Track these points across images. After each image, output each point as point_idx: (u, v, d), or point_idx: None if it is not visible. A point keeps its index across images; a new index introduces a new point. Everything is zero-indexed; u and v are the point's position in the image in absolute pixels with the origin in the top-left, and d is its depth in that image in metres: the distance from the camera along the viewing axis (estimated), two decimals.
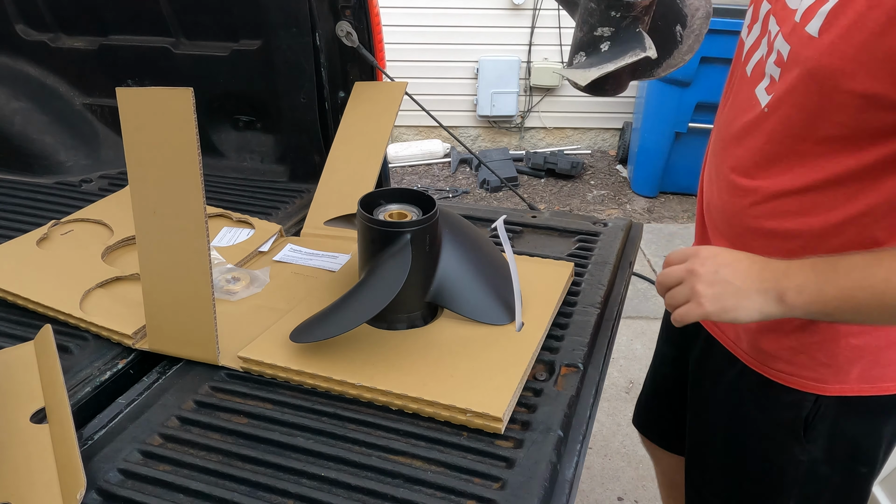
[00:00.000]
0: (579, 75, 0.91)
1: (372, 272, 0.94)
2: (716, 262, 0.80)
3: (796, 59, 0.79)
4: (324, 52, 1.43)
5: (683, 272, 0.81)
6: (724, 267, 0.79)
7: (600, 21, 0.90)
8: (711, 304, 0.79)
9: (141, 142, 0.88)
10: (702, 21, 0.98)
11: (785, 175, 0.85)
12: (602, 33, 0.90)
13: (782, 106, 0.82)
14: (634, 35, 0.90)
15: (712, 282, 0.79)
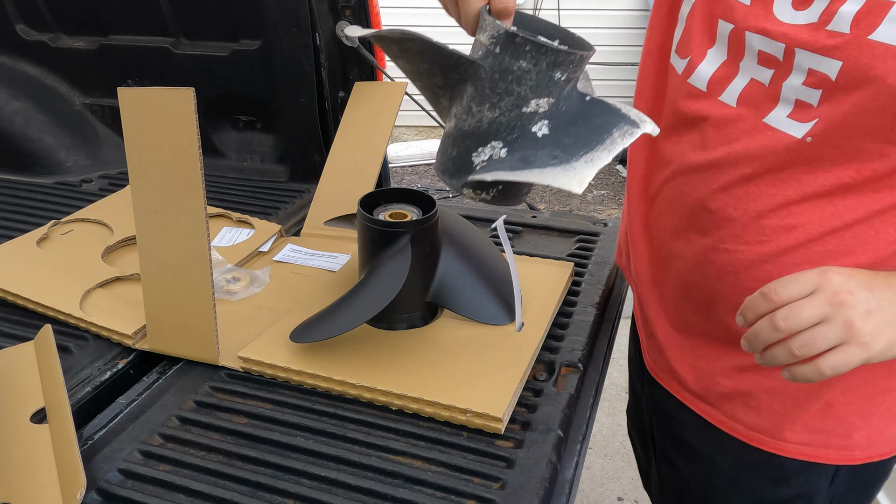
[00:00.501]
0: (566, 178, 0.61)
1: (372, 272, 0.94)
2: (861, 284, 0.63)
3: (865, 75, 0.64)
4: (324, 52, 1.43)
5: (825, 306, 0.62)
6: (872, 290, 0.63)
7: (534, 90, 0.62)
8: (879, 340, 0.62)
9: (142, 142, 0.88)
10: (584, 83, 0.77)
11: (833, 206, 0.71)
12: (537, 108, 0.63)
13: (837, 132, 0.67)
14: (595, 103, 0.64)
15: (869, 311, 0.62)
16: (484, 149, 0.64)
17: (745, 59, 0.73)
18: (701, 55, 0.78)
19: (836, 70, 0.66)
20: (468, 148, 0.65)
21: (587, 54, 0.63)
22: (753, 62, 0.72)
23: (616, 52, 4.08)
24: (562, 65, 0.61)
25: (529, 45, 0.60)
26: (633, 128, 0.62)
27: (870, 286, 0.63)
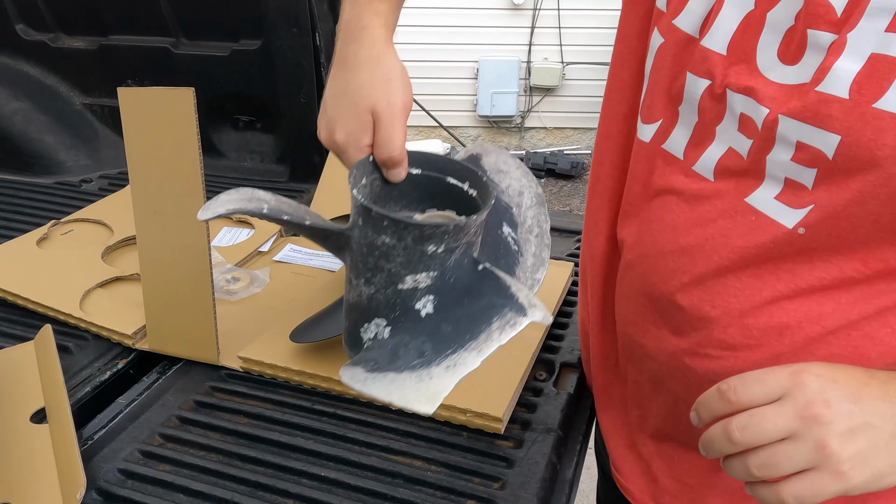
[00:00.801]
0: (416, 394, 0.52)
1: None
2: (843, 395, 0.49)
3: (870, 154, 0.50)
4: (324, 52, 1.43)
5: (793, 420, 0.49)
6: (857, 402, 0.49)
7: (406, 266, 0.54)
8: (860, 470, 0.48)
9: (142, 142, 0.88)
10: (536, 210, 0.68)
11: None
12: (416, 284, 0.54)
13: (838, 222, 0.54)
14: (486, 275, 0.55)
15: (851, 431, 0.48)
16: (369, 325, 0.57)
17: (722, 123, 0.60)
18: (672, 117, 0.64)
19: (834, 146, 0.52)
20: (356, 322, 0.59)
21: (466, 222, 0.54)
22: (734, 127, 0.59)
23: None
24: (432, 238, 0.53)
25: (387, 221, 0.53)
26: (518, 316, 0.53)
27: (857, 396, 0.49)
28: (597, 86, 4.22)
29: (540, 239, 0.66)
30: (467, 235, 0.55)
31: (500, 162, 0.70)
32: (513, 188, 0.68)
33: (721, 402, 0.52)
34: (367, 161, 0.62)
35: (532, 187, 0.68)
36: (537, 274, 0.64)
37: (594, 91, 4.23)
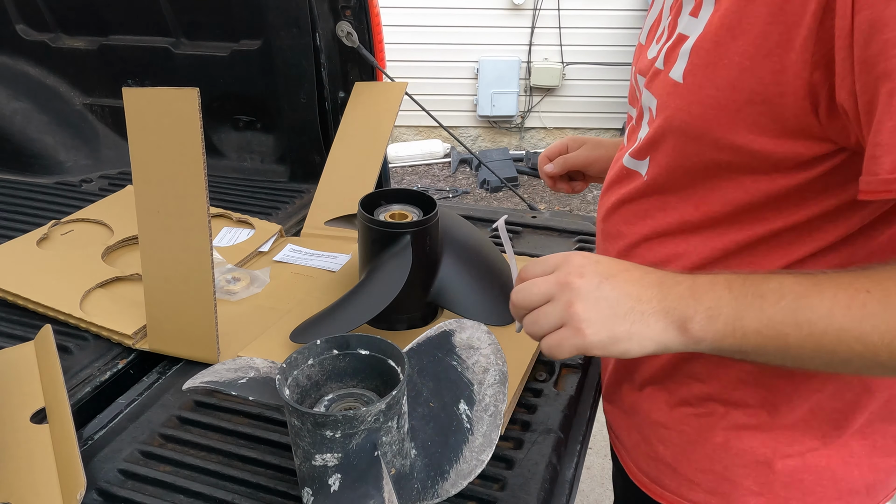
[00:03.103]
0: None
1: (372, 273, 0.94)
2: (597, 271, 0.58)
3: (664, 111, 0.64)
4: (324, 52, 1.43)
5: (553, 285, 0.59)
6: (610, 278, 0.58)
7: (314, 445, 0.62)
8: (596, 330, 0.57)
9: (146, 141, 0.88)
10: (496, 388, 0.71)
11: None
12: (325, 462, 0.62)
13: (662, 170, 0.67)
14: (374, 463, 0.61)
15: (596, 299, 0.57)
16: (304, 491, 0.65)
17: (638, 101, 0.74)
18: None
19: (655, 107, 0.66)
20: (301, 483, 0.67)
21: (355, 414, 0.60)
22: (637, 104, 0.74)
23: (616, 51, 4.08)
24: (326, 425, 0.60)
25: (291, 408, 0.62)
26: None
27: (611, 275, 0.58)
28: (597, 86, 4.22)
29: (493, 419, 0.70)
30: (365, 423, 0.61)
31: (473, 338, 0.75)
32: (479, 365, 0.73)
33: (519, 279, 0.63)
34: (315, 344, 0.70)
35: (498, 365, 0.73)
36: (482, 455, 0.69)
37: (594, 91, 4.24)
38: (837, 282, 0.52)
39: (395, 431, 0.64)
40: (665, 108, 0.64)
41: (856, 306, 0.51)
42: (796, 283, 0.54)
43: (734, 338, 0.55)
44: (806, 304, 0.52)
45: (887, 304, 0.50)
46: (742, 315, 0.54)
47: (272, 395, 0.71)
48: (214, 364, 0.78)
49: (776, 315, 0.53)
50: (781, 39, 0.53)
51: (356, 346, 0.71)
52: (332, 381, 0.71)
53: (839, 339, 0.51)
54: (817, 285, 0.53)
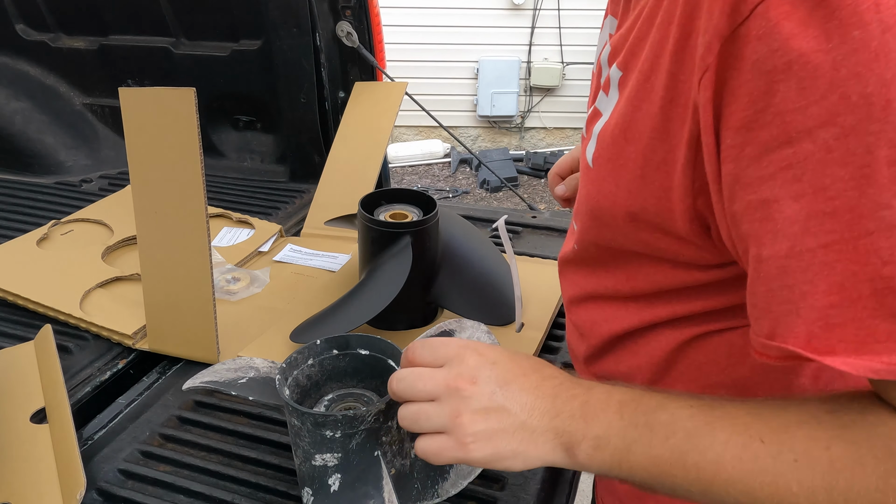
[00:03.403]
0: None
1: (372, 273, 0.94)
2: (491, 377, 0.53)
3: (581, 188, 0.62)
4: (324, 52, 1.43)
5: (440, 386, 0.53)
6: (504, 387, 0.52)
7: (314, 445, 0.61)
8: (481, 446, 0.52)
9: (143, 142, 0.88)
10: None
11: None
12: (325, 462, 0.62)
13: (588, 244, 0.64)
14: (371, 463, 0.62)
15: (487, 410, 0.52)
16: (304, 491, 0.65)
17: None
18: None
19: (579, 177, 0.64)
20: (301, 483, 0.67)
21: (355, 413, 0.60)
22: None
23: None
24: (325, 424, 0.60)
25: (291, 407, 0.62)
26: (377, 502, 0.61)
27: (506, 382, 0.53)
28: None
29: None
30: (365, 423, 0.61)
31: (472, 338, 0.74)
32: None
33: (404, 359, 0.57)
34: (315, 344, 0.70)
35: None
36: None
37: None
38: (733, 423, 0.47)
39: (395, 431, 0.64)
40: (582, 185, 0.61)
41: (747, 458, 0.46)
42: (690, 417, 0.49)
43: (620, 470, 0.51)
44: (695, 446, 0.48)
45: (779, 461, 0.45)
46: (630, 448, 0.50)
47: (272, 395, 0.71)
48: (214, 364, 0.78)
49: (664, 454, 0.48)
50: (667, 158, 0.49)
51: (356, 346, 0.71)
52: (332, 381, 0.71)
53: (726, 489, 0.47)
54: (710, 424, 0.48)
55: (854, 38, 0.37)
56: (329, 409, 0.69)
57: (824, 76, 0.38)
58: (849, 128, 0.38)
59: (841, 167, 0.39)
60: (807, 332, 0.42)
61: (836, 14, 0.37)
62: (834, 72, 0.38)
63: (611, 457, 0.50)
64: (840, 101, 0.38)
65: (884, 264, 0.39)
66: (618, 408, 0.51)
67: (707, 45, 0.43)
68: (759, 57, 0.40)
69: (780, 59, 0.39)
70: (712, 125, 0.44)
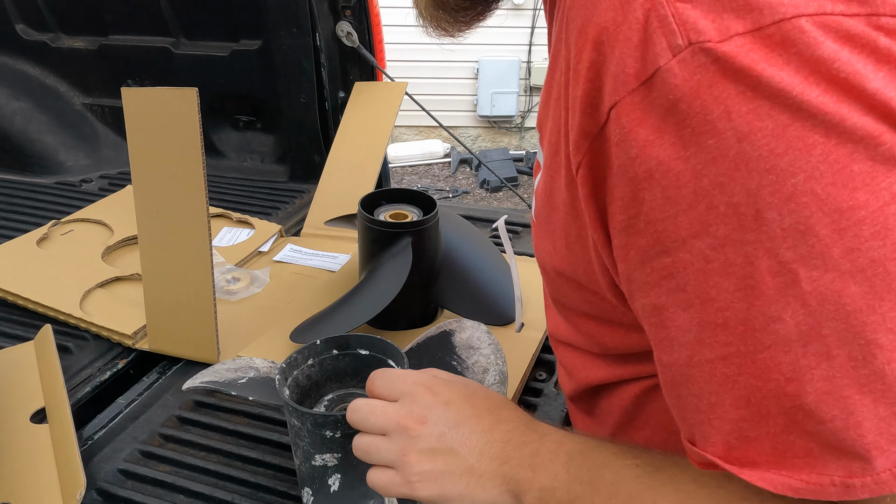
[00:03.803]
0: None
1: (372, 273, 0.94)
2: (444, 417, 0.53)
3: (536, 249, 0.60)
4: (324, 52, 1.43)
5: (391, 423, 0.54)
6: (454, 428, 0.53)
7: (314, 445, 0.62)
8: (427, 486, 0.52)
9: (145, 141, 0.88)
10: (496, 388, 0.71)
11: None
12: (325, 462, 0.62)
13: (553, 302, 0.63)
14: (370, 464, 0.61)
15: (433, 451, 0.52)
16: (304, 491, 0.65)
17: None
18: None
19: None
20: (300, 483, 0.67)
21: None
22: None
23: None
24: (326, 424, 0.60)
25: (291, 407, 0.62)
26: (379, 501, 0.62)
27: (458, 423, 0.53)
28: None
29: None
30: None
31: (472, 338, 0.75)
32: (479, 365, 0.73)
33: (367, 388, 0.57)
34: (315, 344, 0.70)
35: (498, 365, 0.73)
36: None
37: None
38: (677, 489, 0.46)
39: None
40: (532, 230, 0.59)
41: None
42: (634, 478, 0.47)
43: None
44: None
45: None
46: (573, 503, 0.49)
47: (272, 395, 0.71)
48: (214, 364, 0.78)
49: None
50: (581, 234, 0.48)
51: (356, 346, 0.70)
52: (332, 381, 0.71)
53: None
54: (652, 489, 0.46)
55: (710, 146, 0.35)
56: (329, 409, 0.69)
57: (687, 184, 0.36)
58: (723, 237, 0.35)
59: (723, 278, 0.36)
60: (724, 443, 0.40)
61: (686, 122, 0.35)
62: (696, 180, 0.35)
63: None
64: (708, 211, 0.35)
65: (787, 381, 0.36)
66: (566, 460, 0.50)
67: (576, 143, 0.40)
68: (622, 163, 0.38)
69: (640, 167, 0.37)
70: (598, 221, 0.42)
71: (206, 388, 0.74)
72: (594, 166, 0.40)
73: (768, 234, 0.35)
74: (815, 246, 0.34)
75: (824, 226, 0.34)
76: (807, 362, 0.36)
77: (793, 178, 0.34)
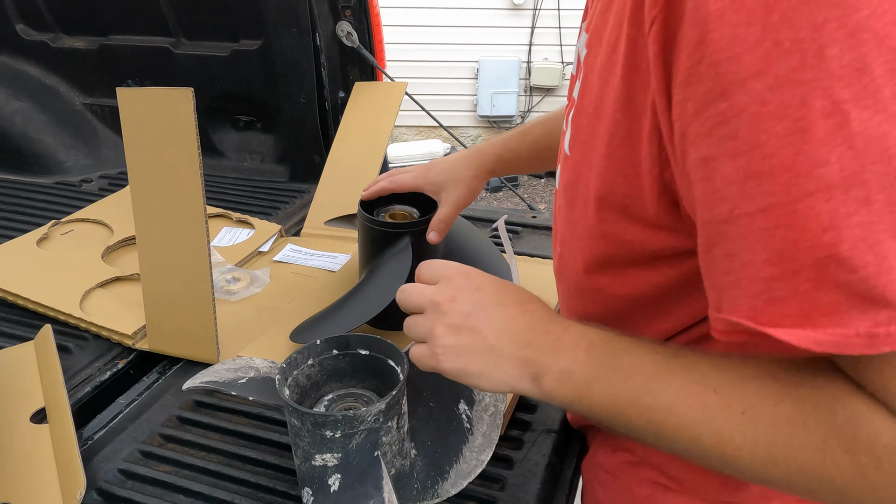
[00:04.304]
0: None
1: (372, 272, 0.94)
2: (472, 299, 0.57)
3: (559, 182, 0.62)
4: (324, 52, 1.43)
5: (426, 300, 0.59)
6: (480, 310, 0.56)
7: (314, 445, 0.62)
8: (450, 359, 0.56)
9: (141, 142, 0.88)
10: None
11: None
12: (325, 462, 0.62)
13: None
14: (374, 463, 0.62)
15: (458, 327, 0.56)
16: (304, 491, 0.65)
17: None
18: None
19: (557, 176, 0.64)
20: (300, 483, 0.67)
21: (354, 414, 0.60)
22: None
23: None
24: (325, 424, 0.60)
25: (291, 407, 0.62)
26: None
27: (484, 306, 0.57)
28: None
29: (493, 419, 0.70)
30: (365, 423, 0.61)
31: None
32: None
33: (415, 274, 0.63)
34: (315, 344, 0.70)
35: None
36: (482, 455, 0.68)
37: None
38: (692, 371, 0.49)
39: (395, 431, 0.64)
40: (560, 177, 0.61)
41: (698, 406, 0.47)
42: (652, 363, 0.50)
43: (581, 405, 0.53)
44: (651, 391, 0.49)
45: (728, 412, 0.46)
46: (591, 385, 0.52)
47: (272, 395, 0.71)
48: (214, 364, 0.78)
49: (621, 395, 0.51)
50: (632, 129, 0.49)
51: (356, 346, 0.70)
52: (332, 381, 0.71)
53: (675, 434, 0.49)
54: (670, 371, 0.49)
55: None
56: (329, 409, 0.69)
57: (757, 21, 0.37)
58: (782, 78, 0.37)
59: (776, 121, 0.37)
60: (751, 306, 0.41)
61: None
62: (766, 16, 0.37)
63: (573, 391, 0.53)
64: (773, 48, 0.37)
65: (824, 231, 0.37)
66: (587, 346, 0.53)
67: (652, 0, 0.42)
68: (695, 4, 0.39)
69: (713, 6, 0.38)
70: (664, 83, 0.44)
71: (206, 388, 0.74)
72: (668, 17, 0.42)
73: (827, 71, 0.36)
74: (869, 85, 0.36)
75: (879, 64, 0.35)
76: (846, 210, 0.37)
77: (857, 13, 0.35)
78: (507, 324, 0.56)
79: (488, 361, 0.55)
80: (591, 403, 0.52)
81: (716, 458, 0.47)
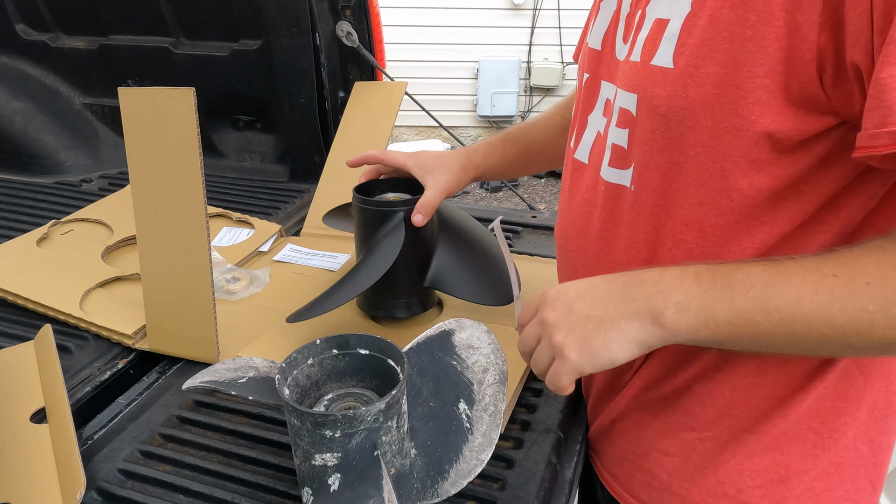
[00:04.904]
0: None
1: (367, 253, 0.94)
2: (566, 299, 0.61)
3: (651, 105, 0.62)
4: (324, 52, 1.43)
5: (537, 326, 0.63)
6: (577, 302, 0.61)
7: (314, 445, 0.61)
8: (576, 351, 0.59)
9: (142, 141, 0.88)
10: (496, 388, 0.72)
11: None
12: (325, 462, 0.62)
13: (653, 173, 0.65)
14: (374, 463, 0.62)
15: (570, 324, 0.60)
16: (304, 491, 0.65)
17: (593, 111, 0.73)
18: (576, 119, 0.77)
19: (634, 103, 0.64)
20: (300, 483, 0.67)
21: (354, 413, 0.60)
22: (600, 112, 0.72)
23: None
24: (325, 424, 0.60)
25: (290, 407, 0.62)
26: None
27: (580, 298, 0.61)
28: None
29: (493, 418, 0.71)
30: (364, 423, 0.61)
31: (472, 338, 0.75)
32: (479, 364, 0.74)
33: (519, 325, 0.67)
34: (315, 344, 0.70)
35: (498, 364, 0.74)
36: (482, 454, 0.69)
37: None
38: (805, 267, 0.53)
39: (395, 431, 0.64)
40: (652, 98, 0.61)
41: (823, 291, 0.51)
42: (764, 271, 0.54)
43: (707, 329, 0.56)
44: (774, 293, 0.53)
45: (853, 287, 0.50)
46: (712, 306, 0.55)
47: (272, 395, 0.71)
48: (214, 364, 0.78)
49: (746, 304, 0.54)
50: (785, 1, 0.52)
51: (356, 345, 0.70)
52: (332, 380, 0.71)
53: (808, 324, 0.52)
54: (785, 273, 0.54)
55: None
56: (329, 408, 0.69)
57: None
58: None
59: None
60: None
61: None
62: None
63: (695, 317, 0.56)
64: None
65: None
66: (694, 277, 0.57)
67: None
68: None
69: None
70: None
71: (205, 387, 0.74)
72: None
73: None
74: None
75: None
76: None
77: None
78: (604, 294, 0.60)
79: (608, 331, 0.58)
80: (716, 325, 0.55)
81: (853, 335, 0.51)
